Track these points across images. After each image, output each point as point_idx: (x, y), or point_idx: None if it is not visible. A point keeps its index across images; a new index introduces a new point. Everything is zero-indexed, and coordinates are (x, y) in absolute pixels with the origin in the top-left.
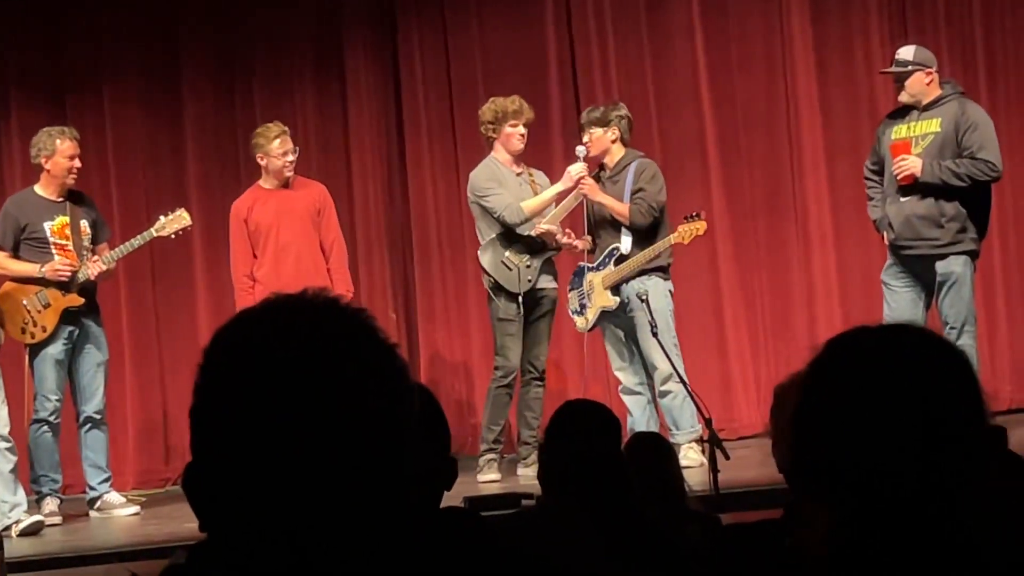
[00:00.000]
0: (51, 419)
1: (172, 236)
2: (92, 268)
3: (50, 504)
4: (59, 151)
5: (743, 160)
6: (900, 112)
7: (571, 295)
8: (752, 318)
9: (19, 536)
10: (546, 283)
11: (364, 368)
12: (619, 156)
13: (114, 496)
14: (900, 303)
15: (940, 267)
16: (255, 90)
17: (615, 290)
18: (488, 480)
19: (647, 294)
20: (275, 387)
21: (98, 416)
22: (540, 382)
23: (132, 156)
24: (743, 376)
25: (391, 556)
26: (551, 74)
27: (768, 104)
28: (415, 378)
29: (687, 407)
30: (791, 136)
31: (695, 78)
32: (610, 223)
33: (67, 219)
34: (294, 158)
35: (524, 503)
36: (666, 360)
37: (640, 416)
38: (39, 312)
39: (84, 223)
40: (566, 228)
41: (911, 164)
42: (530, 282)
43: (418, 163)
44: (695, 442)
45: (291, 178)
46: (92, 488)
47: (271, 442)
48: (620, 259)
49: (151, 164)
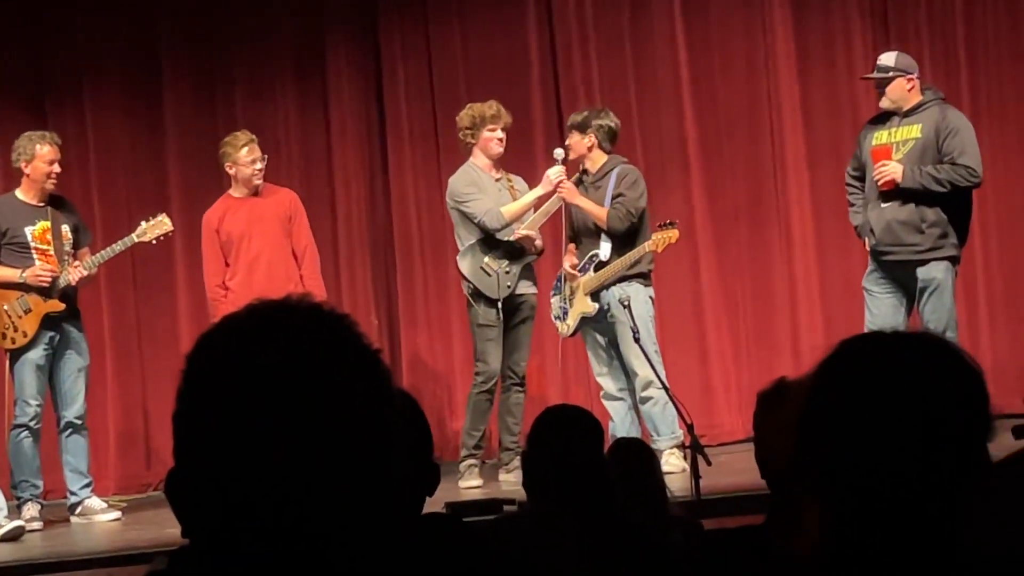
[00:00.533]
0: (32, 424)
1: (153, 242)
2: (73, 273)
3: (31, 510)
4: (38, 156)
5: (725, 165)
6: (881, 118)
7: (553, 300)
8: (734, 323)
9: (0, 542)
10: (525, 288)
11: (347, 374)
12: (602, 162)
13: (95, 501)
14: (881, 309)
15: (921, 273)
16: (236, 96)
17: (595, 296)
18: (470, 486)
19: (629, 300)
20: (258, 393)
21: (79, 421)
22: (520, 388)
23: (113, 162)
24: (725, 382)
25: (375, 562)
26: (533, 79)
27: (750, 109)
28: (397, 384)
29: (668, 413)
30: (773, 141)
31: (677, 83)
32: (592, 229)
33: (48, 224)
34: (263, 166)
35: (506, 509)
36: (647, 366)
37: (621, 422)
38: (20, 317)
39: (65, 228)
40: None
41: (892, 170)
42: (509, 288)
43: (400, 168)
44: (677, 448)
45: (260, 186)
46: (73, 493)
47: (254, 448)
48: (600, 265)
49: (132, 170)
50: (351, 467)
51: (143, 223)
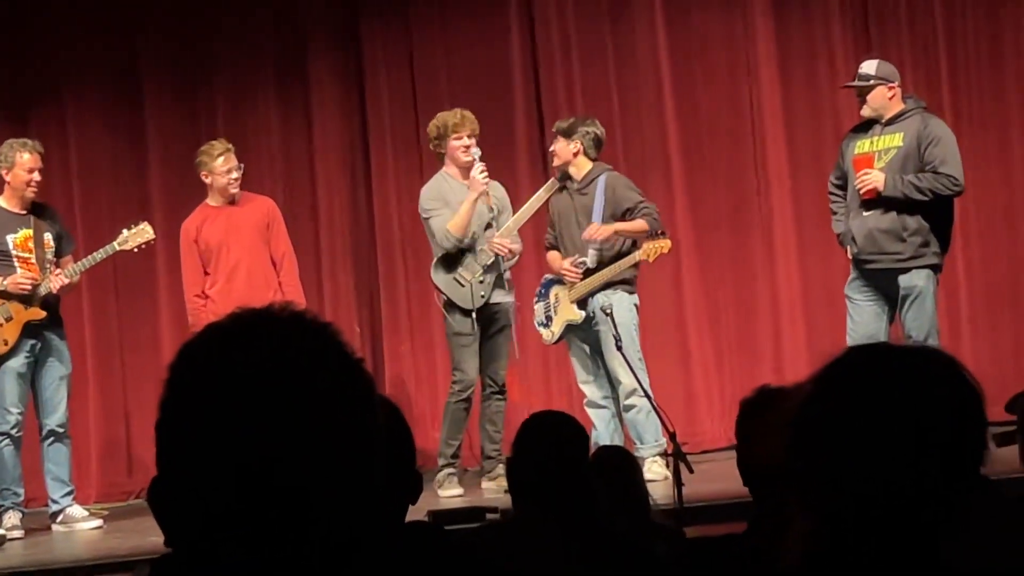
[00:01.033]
0: (13, 432)
1: (135, 249)
2: (55, 281)
3: (12, 518)
4: (19, 164)
5: (707, 173)
6: (863, 126)
7: (537, 307)
8: (716, 331)
9: None
10: (500, 297)
11: (330, 382)
12: (587, 169)
13: (77, 510)
14: (863, 317)
15: (903, 281)
16: (218, 104)
17: (582, 304)
18: (451, 495)
19: (611, 308)
20: (240, 402)
21: (61, 429)
22: (501, 396)
23: (95, 169)
24: (707, 389)
25: (358, 570)
26: (515, 87)
27: (732, 118)
28: (380, 392)
29: (652, 421)
30: (755, 150)
31: (659, 91)
32: (575, 236)
33: (30, 232)
34: (238, 175)
35: (489, 516)
36: (630, 374)
37: (605, 430)
38: (1, 325)
39: (48, 236)
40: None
41: (874, 178)
42: (483, 297)
43: (383, 176)
44: (659, 456)
45: (237, 194)
46: (55, 501)
47: (236, 457)
48: (587, 273)
49: (114, 178)
50: (334, 476)
51: (125, 231)
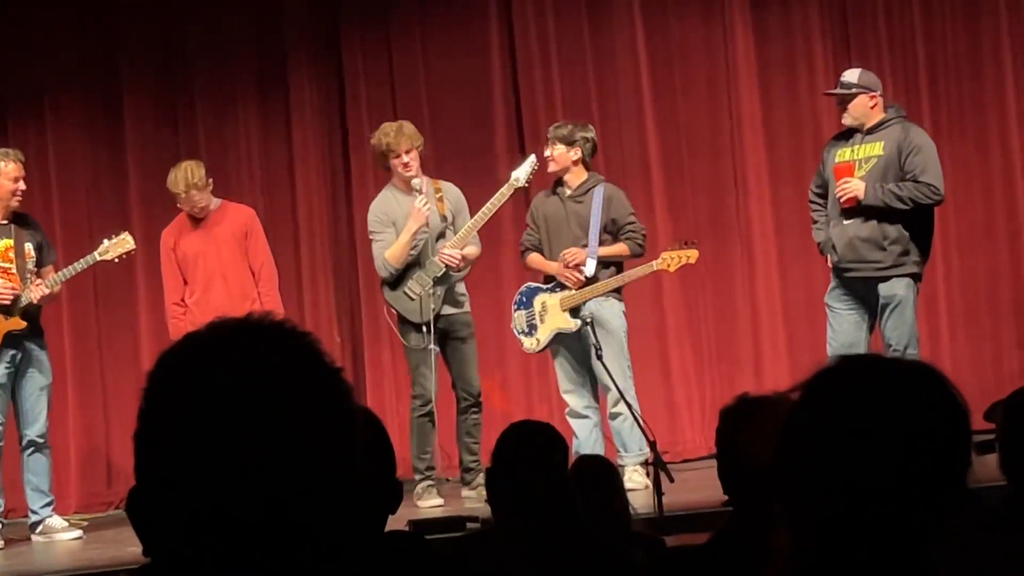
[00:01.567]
0: None
1: (116, 260)
2: (35, 291)
3: None
4: (3, 173)
5: (687, 183)
6: (844, 135)
7: (517, 315)
8: (696, 340)
9: None
10: (453, 309)
11: (309, 392)
12: (582, 178)
13: (56, 520)
14: (843, 326)
15: (883, 289)
16: (198, 113)
17: (574, 311)
18: (431, 505)
19: (591, 316)
20: (219, 411)
21: (41, 440)
22: (477, 408)
23: (74, 179)
24: (688, 398)
25: None
26: (495, 97)
27: (712, 126)
28: (361, 402)
29: (637, 429)
30: (735, 158)
31: (639, 101)
32: (567, 243)
33: (11, 242)
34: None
35: (469, 526)
36: (615, 382)
37: (586, 439)
38: None
39: (29, 246)
40: (569, 266)
41: (854, 187)
42: (434, 310)
43: (363, 185)
44: (640, 465)
45: (211, 207)
46: (34, 512)
47: (215, 466)
48: (588, 281)
49: (93, 187)
50: (313, 485)
51: (105, 241)
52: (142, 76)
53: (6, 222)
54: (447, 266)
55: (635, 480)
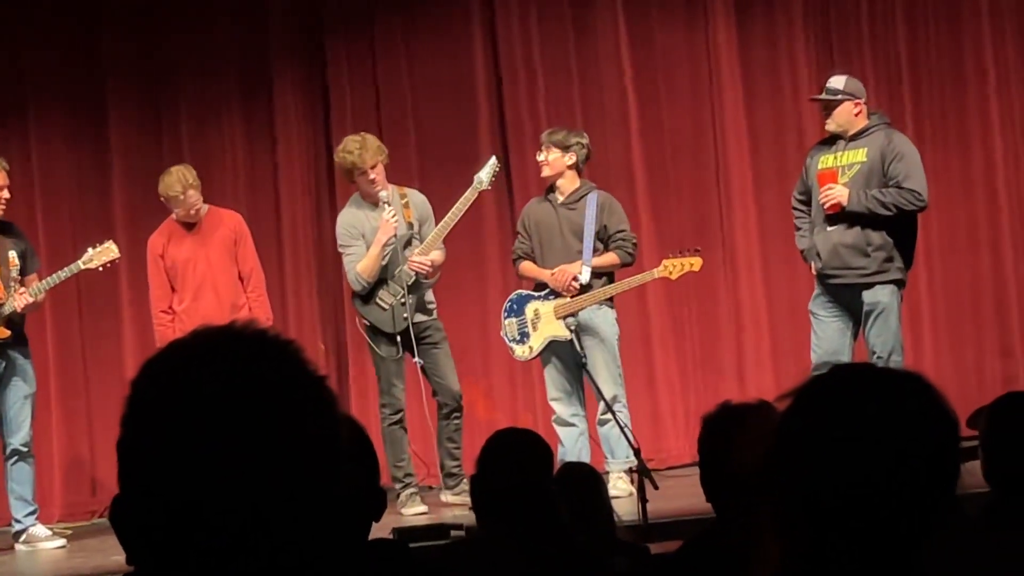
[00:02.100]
0: None
1: (100, 268)
2: (19, 300)
3: None
4: None
5: (671, 189)
6: (828, 141)
7: (508, 323)
8: (680, 348)
9: None
10: (424, 316)
11: (292, 400)
12: (575, 185)
13: (40, 529)
14: (827, 333)
15: (867, 296)
16: (182, 119)
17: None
18: (415, 513)
19: (576, 325)
20: (202, 419)
21: (24, 448)
22: (459, 414)
23: (57, 185)
24: (672, 406)
25: None
26: (479, 103)
27: (695, 134)
28: (345, 410)
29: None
30: (718, 166)
31: (623, 107)
32: (560, 251)
33: None
34: (192, 203)
35: (453, 534)
36: (606, 387)
37: (572, 447)
38: None
39: (12, 254)
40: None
41: (837, 193)
42: (406, 320)
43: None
44: (624, 472)
45: (202, 211)
46: (18, 521)
47: (198, 475)
48: (583, 288)
49: (77, 195)
50: (296, 494)
51: (90, 249)
52: (126, 84)
53: None
54: (417, 273)
55: (620, 487)
